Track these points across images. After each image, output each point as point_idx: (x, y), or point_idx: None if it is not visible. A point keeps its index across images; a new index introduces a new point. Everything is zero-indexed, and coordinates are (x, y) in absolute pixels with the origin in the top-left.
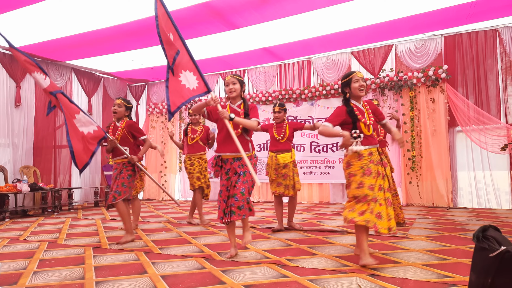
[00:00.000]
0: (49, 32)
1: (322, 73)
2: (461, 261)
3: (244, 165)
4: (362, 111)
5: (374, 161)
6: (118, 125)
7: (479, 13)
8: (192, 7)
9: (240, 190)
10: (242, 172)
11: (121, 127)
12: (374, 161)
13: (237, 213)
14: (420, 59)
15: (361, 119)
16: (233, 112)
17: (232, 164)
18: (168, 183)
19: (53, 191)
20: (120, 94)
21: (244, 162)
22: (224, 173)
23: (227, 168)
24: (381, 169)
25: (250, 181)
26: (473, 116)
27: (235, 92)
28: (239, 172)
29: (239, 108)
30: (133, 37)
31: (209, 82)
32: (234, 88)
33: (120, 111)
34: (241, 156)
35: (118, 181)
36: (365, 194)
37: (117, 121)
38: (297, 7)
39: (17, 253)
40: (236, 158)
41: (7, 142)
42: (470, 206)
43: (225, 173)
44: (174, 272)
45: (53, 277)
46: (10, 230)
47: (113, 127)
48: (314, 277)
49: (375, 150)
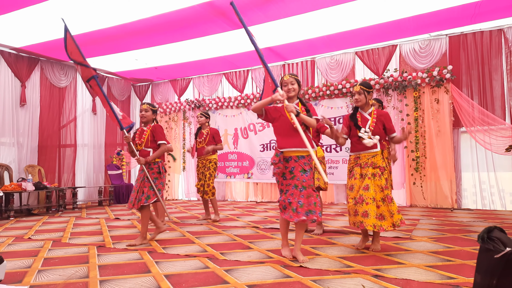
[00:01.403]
0: (54, 31)
1: (326, 73)
2: (465, 262)
3: (309, 163)
4: (365, 119)
5: (361, 164)
6: (145, 129)
7: (484, 13)
8: (196, 7)
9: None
10: (309, 169)
11: (147, 131)
12: (361, 164)
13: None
14: (425, 59)
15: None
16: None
17: (296, 162)
18: (172, 182)
19: (58, 190)
20: (124, 94)
21: (308, 160)
22: (288, 172)
23: (291, 166)
24: (370, 171)
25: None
26: (477, 116)
27: (294, 91)
28: (307, 169)
29: (298, 107)
30: (137, 37)
31: (212, 82)
32: (293, 88)
33: (148, 116)
34: (305, 154)
35: (146, 184)
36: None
37: (144, 125)
38: (301, 7)
39: (22, 252)
40: (300, 156)
41: (12, 141)
42: (474, 207)
43: (289, 172)
44: (178, 271)
45: (57, 275)
46: (15, 228)
47: (140, 132)
48: (318, 278)
49: (363, 155)
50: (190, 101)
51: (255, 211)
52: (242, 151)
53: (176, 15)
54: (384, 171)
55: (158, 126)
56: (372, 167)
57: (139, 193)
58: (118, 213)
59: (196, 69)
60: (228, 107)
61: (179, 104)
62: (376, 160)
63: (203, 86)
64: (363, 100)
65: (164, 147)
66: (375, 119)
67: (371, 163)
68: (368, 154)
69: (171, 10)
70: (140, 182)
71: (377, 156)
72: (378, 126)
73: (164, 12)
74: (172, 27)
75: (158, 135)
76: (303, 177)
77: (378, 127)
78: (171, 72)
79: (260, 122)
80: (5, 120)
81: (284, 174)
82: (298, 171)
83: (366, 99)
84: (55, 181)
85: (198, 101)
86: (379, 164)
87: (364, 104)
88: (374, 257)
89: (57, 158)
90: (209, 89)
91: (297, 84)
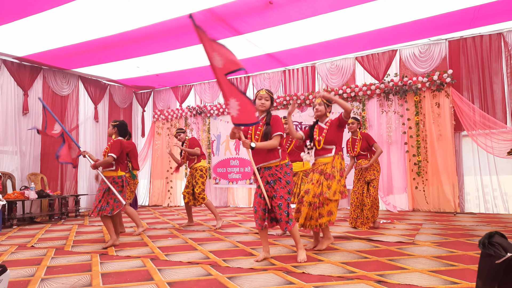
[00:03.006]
0: (56, 40)
1: (326, 79)
2: (469, 267)
3: (274, 174)
4: (322, 129)
5: (315, 170)
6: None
7: (483, 17)
8: (196, 14)
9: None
10: (272, 180)
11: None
12: (315, 170)
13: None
14: (425, 64)
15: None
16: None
17: (264, 173)
18: (174, 189)
19: (60, 198)
20: (126, 101)
21: (274, 171)
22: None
23: (260, 177)
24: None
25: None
26: (478, 120)
27: (264, 107)
28: (270, 181)
29: (262, 121)
30: (138, 44)
31: (213, 88)
32: (263, 105)
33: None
34: (272, 165)
35: (112, 196)
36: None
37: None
38: (301, 13)
39: (25, 260)
40: (267, 167)
41: (14, 149)
42: (477, 211)
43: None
44: (180, 279)
45: (60, 284)
46: (18, 237)
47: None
48: (320, 284)
49: (318, 162)
50: (191, 107)
51: None
52: (244, 157)
53: (177, 22)
54: (329, 178)
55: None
56: (319, 173)
57: (102, 202)
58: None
59: (197, 76)
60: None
61: (180, 111)
62: (325, 167)
63: (204, 93)
64: (322, 111)
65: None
66: (327, 127)
67: (320, 170)
68: (322, 160)
69: (172, 17)
70: (104, 192)
71: (328, 164)
72: (330, 132)
73: (164, 20)
74: (173, 34)
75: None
76: (266, 187)
77: (331, 132)
78: (172, 79)
79: None
80: (8, 128)
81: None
82: (263, 181)
83: (325, 111)
84: (57, 189)
85: (200, 108)
86: (327, 171)
87: (323, 115)
88: (377, 262)
89: (59, 166)
90: (210, 95)
91: (270, 101)
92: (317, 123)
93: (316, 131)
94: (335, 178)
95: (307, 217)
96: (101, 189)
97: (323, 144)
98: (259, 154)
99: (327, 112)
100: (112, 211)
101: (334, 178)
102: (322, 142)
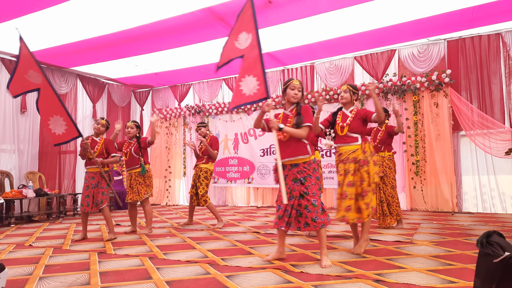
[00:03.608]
0: (54, 38)
1: (325, 78)
2: (467, 266)
3: (303, 171)
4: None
5: (343, 160)
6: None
7: (482, 17)
8: (195, 12)
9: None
10: (302, 178)
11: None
12: (344, 160)
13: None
14: (423, 64)
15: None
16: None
17: (290, 171)
18: (173, 188)
19: (58, 197)
20: (125, 100)
21: (302, 168)
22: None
23: (285, 174)
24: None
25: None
26: (477, 120)
27: (296, 99)
28: (299, 177)
29: (291, 113)
30: (137, 43)
31: (212, 87)
32: (296, 96)
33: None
34: (300, 162)
35: (100, 190)
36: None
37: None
38: (300, 12)
39: (23, 259)
40: (294, 164)
41: (12, 148)
42: (475, 210)
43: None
44: (179, 277)
45: (59, 283)
46: (16, 235)
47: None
48: (319, 283)
49: (344, 151)
50: (190, 106)
51: (255, 216)
52: (242, 156)
53: (176, 21)
54: (364, 164)
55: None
56: (353, 162)
57: (95, 198)
58: (118, 219)
59: (196, 75)
60: (228, 113)
61: (179, 110)
62: (356, 154)
63: (203, 92)
64: (348, 98)
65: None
66: (353, 116)
67: (352, 158)
68: (348, 148)
69: (171, 16)
70: (93, 188)
71: (357, 151)
72: (355, 123)
73: (163, 18)
74: (171, 33)
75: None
76: (294, 186)
77: (356, 123)
78: (171, 78)
79: None
80: (6, 127)
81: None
82: (290, 179)
83: (351, 99)
84: (55, 188)
85: (198, 107)
86: (359, 158)
87: (348, 103)
88: (375, 261)
89: (57, 164)
90: (209, 94)
91: (302, 92)
92: (341, 109)
93: (340, 117)
94: (369, 162)
95: (353, 209)
96: (89, 185)
97: (347, 131)
98: (287, 147)
99: (353, 100)
100: (102, 204)
101: (369, 163)
102: (346, 129)
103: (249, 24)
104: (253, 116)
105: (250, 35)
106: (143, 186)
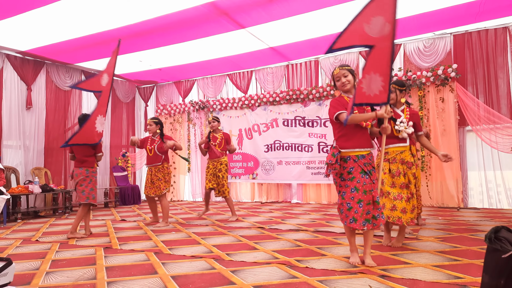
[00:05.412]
0: (59, 34)
1: (330, 73)
2: (473, 262)
3: (369, 164)
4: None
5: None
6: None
7: (488, 11)
8: (199, 7)
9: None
10: (368, 171)
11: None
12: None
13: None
14: (429, 58)
15: None
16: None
17: (356, 162)
18: (178, 183)
19: (64, 192)
20: (129, 96)
21: (368, 160)
22: (346, 172)
23: (350, 167)
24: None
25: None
26: (483, 115)
27: (349, 84)
28: (366, 171)
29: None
30: (141, 38)
31: (216, 83)
32: (347, 80)
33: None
34: (365, 153)
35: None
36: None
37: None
38: (304, 6)
39: (30, 254)
40: (360, 155)
41: (18, 144)
42: (481, 206)
43: (347, 173)
44: (184, 272)
45: (65, 277)
46: (22, 231)
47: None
48: (324, 278)
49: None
50: (194, 102)
51: (260, 211)
52: (246, 152)
53: (180, 16)
54: (412, 166)
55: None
56: (401, 163)
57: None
58: (124, 215)
59: (200, 70)
60: (232, 108)
61: (183, 106)
62: (404, 155)
63: (207, 87)
64: (394, 99)
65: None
66: (408, 115)
67: (400, 159)
68: (396, 149)
69: (175, 11)
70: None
71: (405, 152)
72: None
73: (167, 13)
74: (175, 28)
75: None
76: (364, 180)
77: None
78: (175, 73)
79: (264, 123)
80: (12, 123)
81: (342, 174)
82: (358, 172)
83: (398, 97)
84: (61, 183)
85: (203, 103)
86: (407, 160)
87: (396, 102)
88: (381, 257)
89: (63, 160)
90: (213, 90)
91: (351, 74)
92: (391, 106)
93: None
94: (417, 166)
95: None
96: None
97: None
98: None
99: (400, 98)
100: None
101: (417, 166)
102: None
103: (388, 9)
104: (257, 112)
105: (387, 24)
106: (162, 182)
